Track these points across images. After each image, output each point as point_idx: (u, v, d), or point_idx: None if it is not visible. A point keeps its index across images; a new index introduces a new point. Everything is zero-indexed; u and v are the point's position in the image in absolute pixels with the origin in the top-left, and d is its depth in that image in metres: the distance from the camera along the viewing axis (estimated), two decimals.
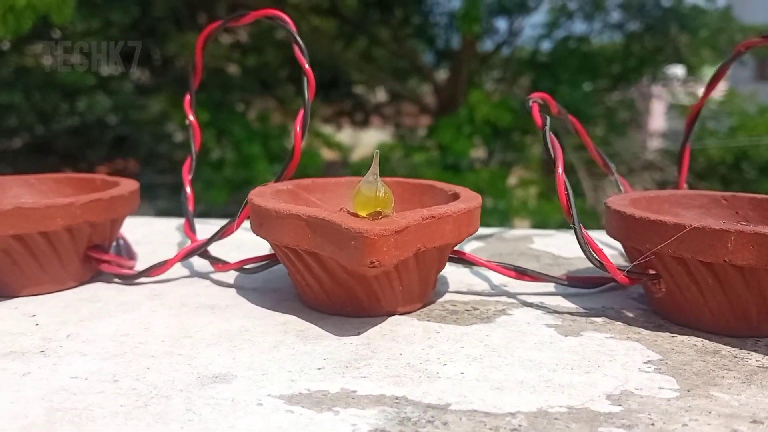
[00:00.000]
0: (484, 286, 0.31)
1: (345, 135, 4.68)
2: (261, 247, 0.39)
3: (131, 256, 0.34)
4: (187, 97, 0.36)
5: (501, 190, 3.04)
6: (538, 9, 3.93)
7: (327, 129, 4.27)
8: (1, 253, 0.28)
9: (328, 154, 3.92)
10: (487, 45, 4.20)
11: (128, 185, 0.32)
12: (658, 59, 3.84)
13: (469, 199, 0.27)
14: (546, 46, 3.85)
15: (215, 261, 0.31)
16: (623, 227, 0.27)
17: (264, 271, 0.30)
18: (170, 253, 0.37)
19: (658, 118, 4.81)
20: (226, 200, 3.18)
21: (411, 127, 4.48)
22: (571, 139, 3.54)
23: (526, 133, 3.40)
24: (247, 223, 0.29)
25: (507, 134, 3.34)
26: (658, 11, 3.66)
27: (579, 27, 4.02)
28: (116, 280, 0.32)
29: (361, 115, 4.73)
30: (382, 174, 0.25)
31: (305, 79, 0.31)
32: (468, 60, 3.84)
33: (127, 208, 0.31)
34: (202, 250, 0.31)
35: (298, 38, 0.32)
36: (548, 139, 0.28)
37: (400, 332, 0.25)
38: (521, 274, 0.29)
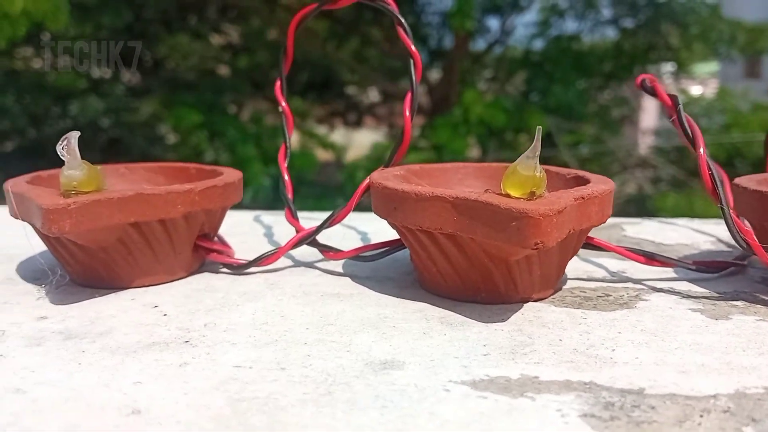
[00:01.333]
0: (602, 272, 0.31)
1: (338, 135, 4.67)
2: (343, 234, 0.38)
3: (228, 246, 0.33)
4: (278, 83, 0.35)
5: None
6: (530, 8, 3.93)
7: (320, 130, 4.26)
8: (117, 243, 0.27)
9: (322, 155, 3.90)
10: (480, 44, 4.20)
11: (233, 173, 0.31)
12: (650, 56, 3.87)
13: (604, 181, 0.27)
14: (538, 45, 3.85)
15: (326, 249, 0.30)
16: (760, 207, 0.26)
17: (374, 260, 0.30)
18: (260, 242, 0.36)
19: (650, 116, 4.83)
20: None
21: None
22: (564, 137, 3.55)
23: (519, 132, 3.40)
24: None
25: (501, 133, 3.34)
26: (650, 8, 3.68)
27: (571, 25, 4.04)
28: (224, 269, 0.31)
29: (354, 115, 4.72)
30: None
31: (412, 61, 0.31)
32: (460, 59, 3.85)
33: (237, 196, 0.30)
34: (311, 239, 0.30)
35: (402, 20, 0.31)
36: (684, 120, 0.28)
37: (546, 318, 0.25)
38: (650, 259, 0.28)
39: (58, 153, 0.25)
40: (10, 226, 0.38)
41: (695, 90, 4.64)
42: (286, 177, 0.34)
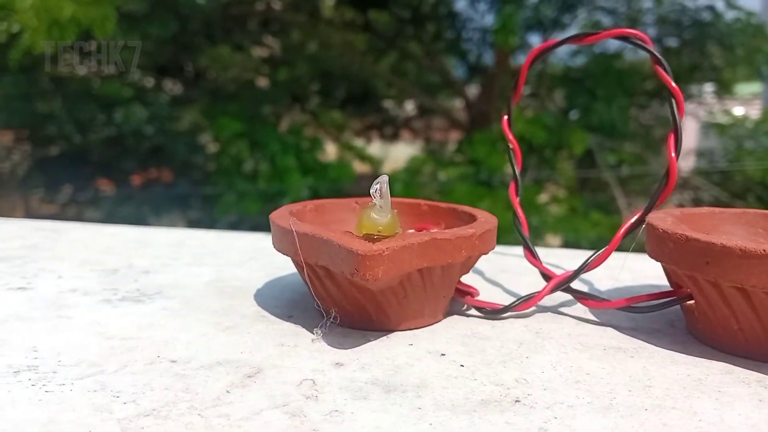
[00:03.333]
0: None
1: (375, 148, 4.68)
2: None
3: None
4: (505, 119, 0.34)
5: (534, 206, 3.02)
6: (572, 25, 3.91)
7: (358, 142, 4.27)
8: (398, 286, 0.26)
9: (359, 167, 3.91)
10: (521, 60, 4.19)
11: (489, 216, 0.30)
12: (694, 76, 3.82)
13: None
14: (578, 61, 3.83)
15: (585, 297, 0.29)
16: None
17: (650, 311, 0.28)
18: (476, 282, 0.35)
19: (691, 136, 4.78)
20: (259, 211, 3.18)
21: (441, 141, 4.47)
22: (605, 156, 3.52)
23: (558, 149, 3.38)
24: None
25: (540, 151, 3.32)
26: (694, 28, 3.64)
27: (614, 43, 4.01)
28: (471, 312, 0.30)
29: (390, 128, 4.73)
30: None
31: (673, 99, 0.30)
32: (501, 75, 3.84)
33: (495, 240, 0.29)
34: (567, 285, 0.29)
35: (661, 57, 0.30)
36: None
37: None
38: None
39: (371, 195, 0.24)
40: (215, 256, 0.38)
41: (738, 110, 4.58)
42: (521, 214, 0.33)
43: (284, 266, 0.37)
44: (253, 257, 0.39)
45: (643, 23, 3.75)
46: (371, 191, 0.24)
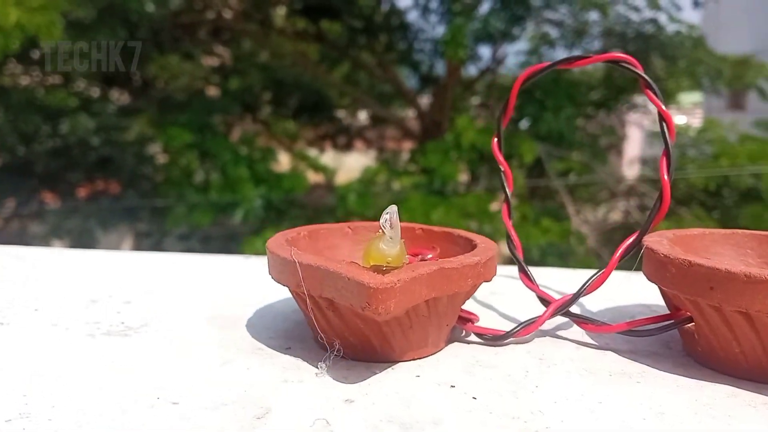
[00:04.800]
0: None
1: (328, 158, 4.66)
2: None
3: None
4: (495, 141, 0.34)
5: (487, 214, 3.06)
6: (521, 37, 3.98)
7: (311, 152, 4.25)
8: (404, 317, 0.25)
9: (312, 177, 3.90)
10: (471, 71, 4.25)
11: (487, 240, 0.30)
12: (638, 87, 3.93)
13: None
14: None
15: (585, 321, 0.29)
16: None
17: (650, 335, 0.29)
18: (468, 306, 0.35)
19: (635, 145, 4.92)
20: (210, 223, 3.12)
21: (394, 151, 4.49)
22: (554, 164, 3.59)
23: (509, 158, 3.43)
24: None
25: (491, 160, 3.35)
26: (638, 41, 3.75)
27: (561, 54, 4.10)
28: (475, 339, 0.30)
29: (344, 138, 4.73)
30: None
31: (664, 123, 0.30)
32: (452, 86, 3.88)
33: (496, 266, 0.29)
34: (566, 309, 0.29)
35: (651, 81, 0.30)
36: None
37: None
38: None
39: (381, 226, 0.23)
40: (204, 283, 0.36)
41: (680, 119, 4.74)
42: (515, 237, 0.32)
43: (274, 293, 0.36)
44: (241, 284, 0.38)
45: (590, 35, 3.85)
46: (381, 222, 0.23)
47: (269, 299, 0.35)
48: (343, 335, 0.26)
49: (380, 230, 0.24)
